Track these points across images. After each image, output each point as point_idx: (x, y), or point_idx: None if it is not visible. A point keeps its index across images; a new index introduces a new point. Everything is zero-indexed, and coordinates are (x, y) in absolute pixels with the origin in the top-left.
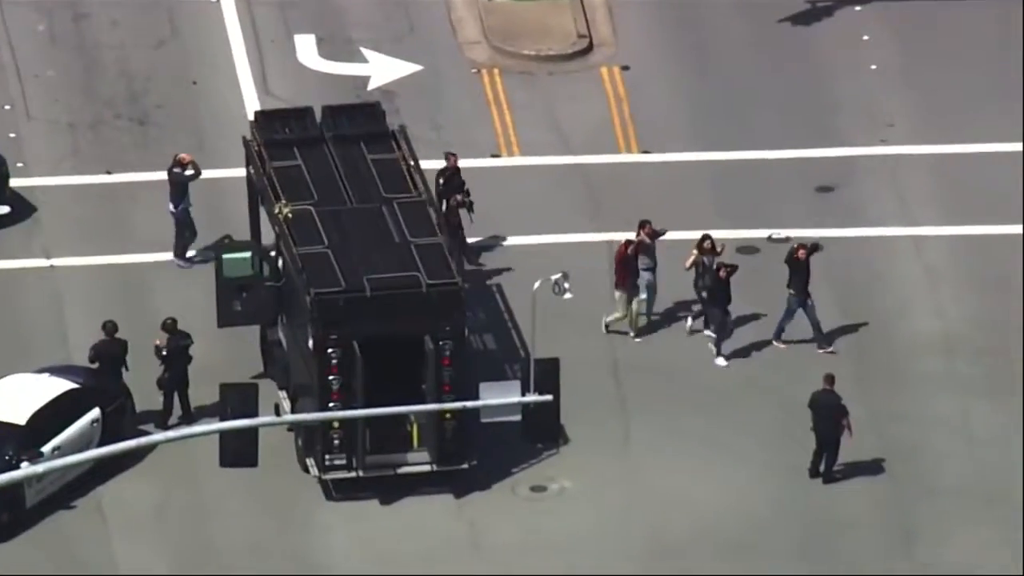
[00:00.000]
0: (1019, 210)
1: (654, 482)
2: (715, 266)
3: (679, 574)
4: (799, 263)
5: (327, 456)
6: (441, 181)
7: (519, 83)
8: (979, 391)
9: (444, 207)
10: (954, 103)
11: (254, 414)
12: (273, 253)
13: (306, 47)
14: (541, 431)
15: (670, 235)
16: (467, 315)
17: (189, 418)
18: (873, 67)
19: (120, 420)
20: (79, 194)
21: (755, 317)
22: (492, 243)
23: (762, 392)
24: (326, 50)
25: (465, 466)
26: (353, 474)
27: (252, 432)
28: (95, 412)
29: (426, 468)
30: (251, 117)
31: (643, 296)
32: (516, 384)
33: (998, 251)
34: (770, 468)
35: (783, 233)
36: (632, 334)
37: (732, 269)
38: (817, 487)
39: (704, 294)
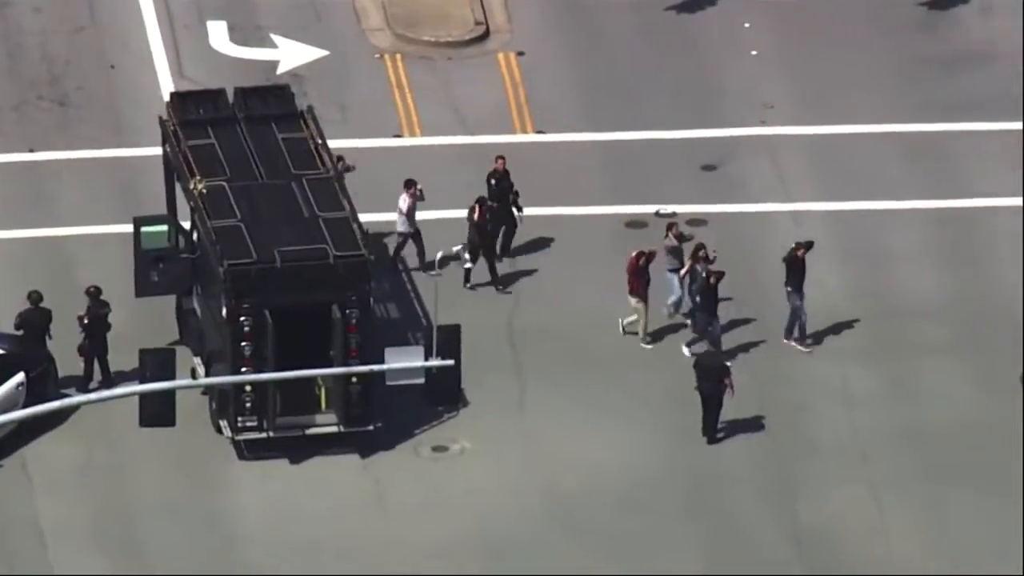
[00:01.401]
0: (890, 186)
1: (549, 442)
2: (704, 273)
3: (574, 529)
4: (797, 261)
5: (239, 418)
6: (493, 182)
7: (420, 68)
8: (855, 357)
9: (475, 211)
10: (830, 87)
11: (171, 377)
12: (188, 227)
13: (218, 33)
14: (443, 394)
15: (567, 210)
16: (372, 285)
17: (109, 382)
18: (754, 53)
19: (44, 384)
20: (4, 171)
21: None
22: (397, 217)
23: (654, 358)
24: (237, 36)
25: (370, 428)
26: (264, 435)
27: (170, 394)
28: (20, 376)
29: (333, 429)
30: (167, 98)
31: (672, 298)
32: (419, 349)
33: (872, 225)
34: (660, 429)
35: (670, 209)
36: (644, 340)
37: (720, 276)
38: (702, 446)
39: (697, 299)
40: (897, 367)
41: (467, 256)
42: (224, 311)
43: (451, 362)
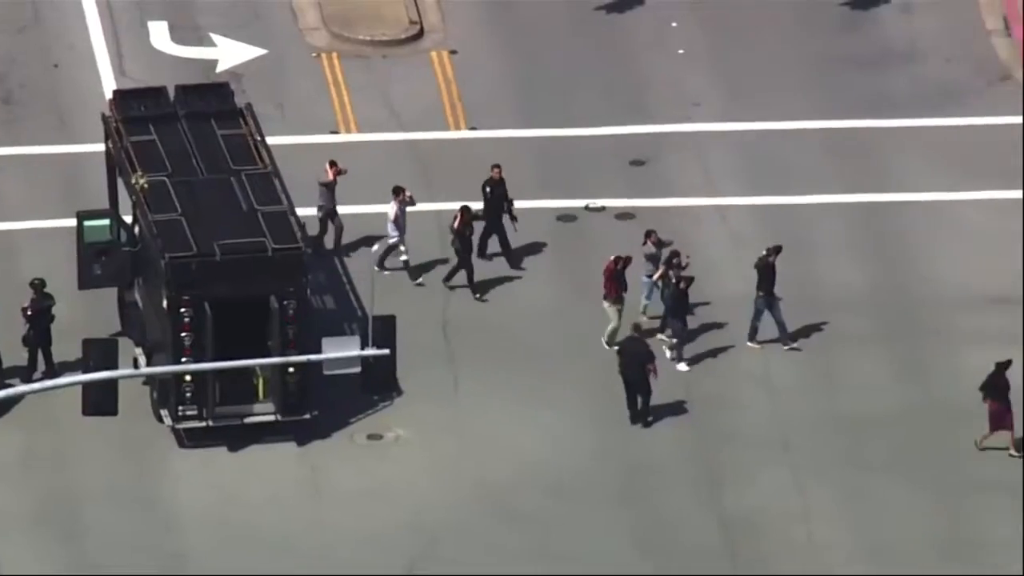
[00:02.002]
0: (813, 181)
1: (482, 430)
2: (675, 279)
3: (506, 513)
4: (768, 267)
5: (180, 407)
6: (488, 190)
7: (356, 66)
8: (779, 346)
9: (459, 217)
10: (755, 84)
11: (114, 367)
12: (130, 221)
13: (159, 33)
14: (379, 383)
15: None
16: (309, 277)
17: (52, 372)
18: (681, 51)
19: None
20: None
21: (577, 279)
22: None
23: (584, 349)
24: (177, 35)
25: (307, 416)
26: (203, 424)
27: (112, 384)
28: None
29: (271, 418)
30: (109, 96)
31: (645, 301)
32: (356, 339)
33: (795, 219)
34: (590, 417)
35: (599, 203)
36: (608, 344)
37: (689, 281)
38: (631, 433)
39: (669, 304)
40: (820, 357)
41: (403, 248)
42: (165, 303)
43: (387, 352)
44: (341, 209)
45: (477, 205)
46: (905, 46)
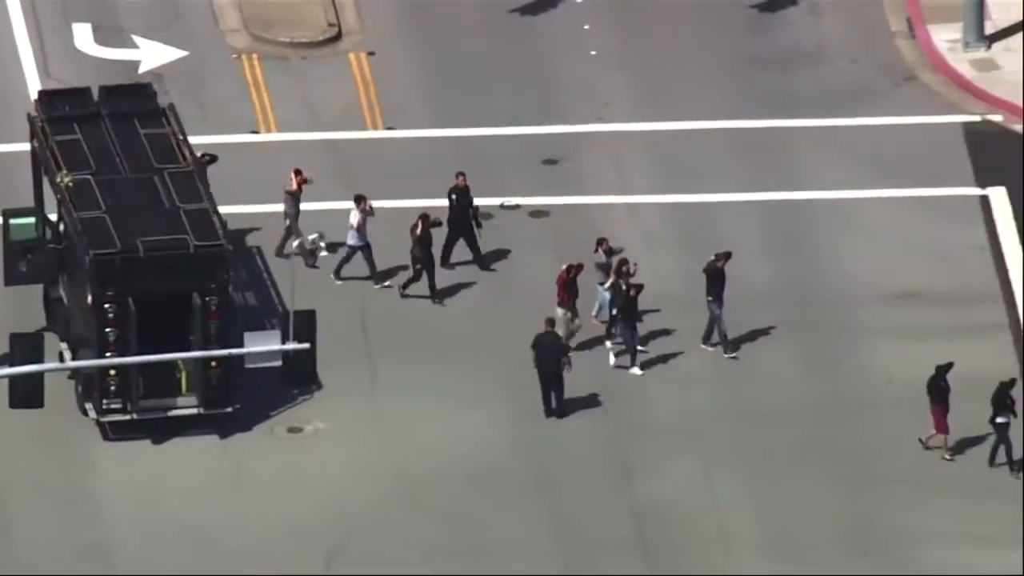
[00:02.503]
0: (722, 179)
1: (400, 424)
2: (625, 287)
3: (423, 506)
4: (716, 272)
5: (104, 400)
6: (454, 197)
7: (275, 67)
8: (691, 340)
9: (420, 225)
10: (665, 85)
11: (40, 361)
12: (55, 218)
13: (83, 34)
14: (299, 377)
15: (417, 203)
16: (230, 273)
17: None
18: (593, 53)
19: None
20: None
21: (493, 276)
22: (254, 210)
23: (500, 345)
24: (101, 37)
25: (229, 409)
26: (127, 417)
27: (38, 378)
28: None
29: (194, 411)
30: (34, 96)
31: (597, 307)
32: (277, 334)
33: (705, 216)
34: (505, 411)
35: (514, 200)
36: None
37: (639, 289)
38: (546, 427)
39: (616, 311)
40: (738, 355)
41: (322, 245)
42: (89, 298)
43: (307, 345)
44: (263, 208)
45: (400, 203)
46: (812, 48)
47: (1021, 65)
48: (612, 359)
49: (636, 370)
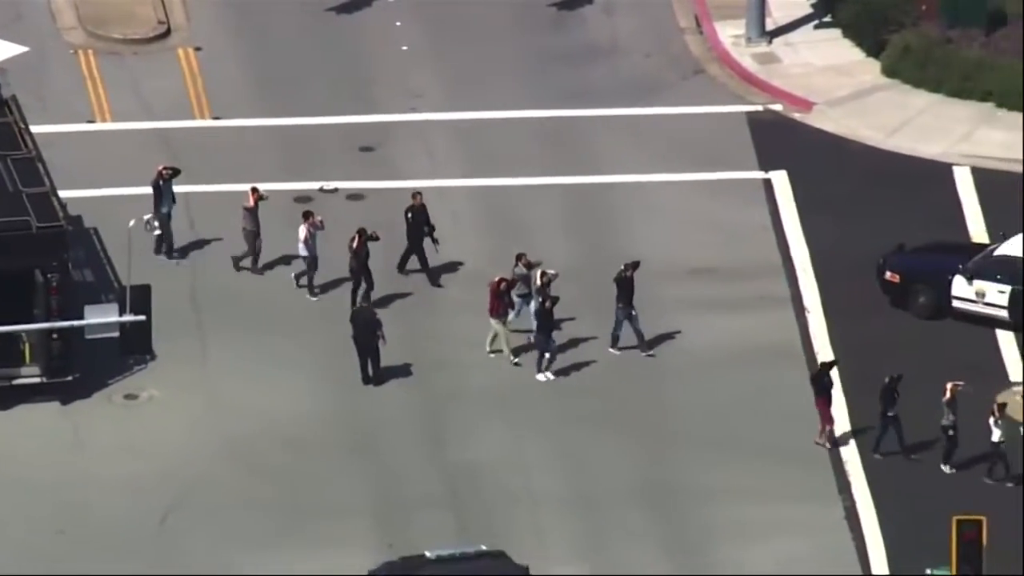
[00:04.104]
0: (526, 164)
1: (228, 390)
2: (542, 299)
3: (251, 467)
4: (626, 280)
5: None
6: (410, 216)
7: (110, 62)
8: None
9: (357, 239)
10: (473, 78)
11: None
12: None
13: None
14: (136, 346)
15: (243, 187)
16: (70, 252)
17: None
18: (404, 48)
19: None
20: None
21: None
22: (91, 194)
23: (321, 317)
24: None
25: (70, 378)
26: None
27: None
28: None
29: (37, 380)
30: None
31: (512, 316)
32: (114, 306)
33: (510, 199)
34: (327, 379)
35: (332, 185)
36: (511, 356)
37: (555, 301)
38: (364, 394)
39: (537, 319)
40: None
41: (156, 224)
42: None
43: (142, 318)
44: (98, 192)
45: (227, 187)
46: (607, 43)
47: (799, 59)
48: (511, 358)
49: (548, 375)
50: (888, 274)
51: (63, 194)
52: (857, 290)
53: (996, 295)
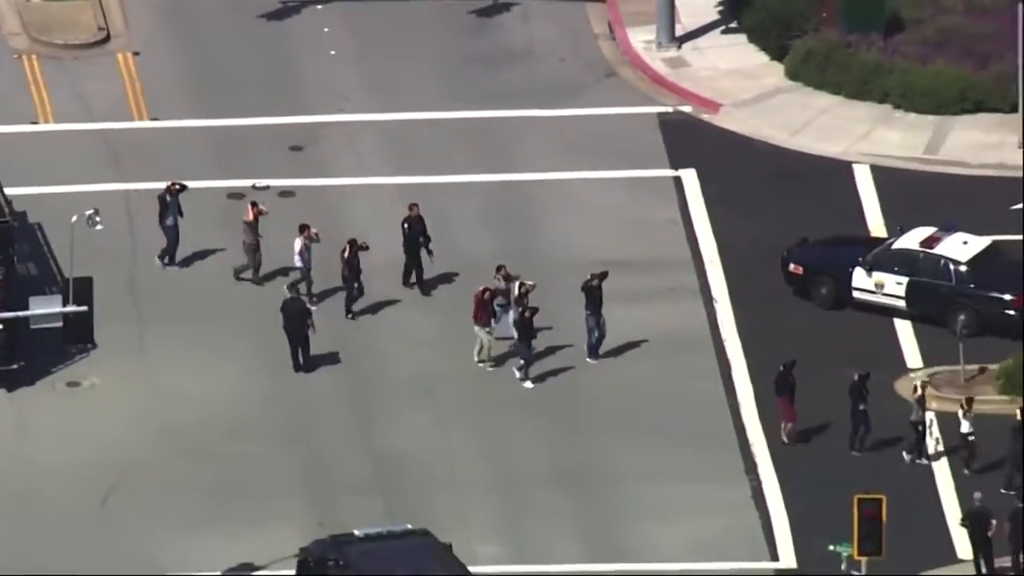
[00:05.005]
0: (448, 163)
1: (167, 378)
2: (521, 309)
3: (189, 451)
4: (593, 290)
5: None
6: (406, 227)
7: (52, 66)
8: (420, 306)
9: (348, 248)
10: (397, 80)
11: None
12: None
13: None
14: (78, 336)
15: (163, 185)
16: (15, 247)
17: None
18: (332, 53)
19: None
20: None
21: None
22: (35, 191)
23: (253, 309)
24: None
25: (15, 366)
26: None
27: None
28: None
29: None
30: None
31: (494, 325)
32: (58, 298)
33: (435, 196)
34: (260, 367)
35: (264, 183)
36: (490, 363)
37: (534, 311)
38: (295, 381)
39: (517, 329)
40: (458, 314)
41: (98, 219)
42: None
43: (85, 308)
44: (42, 189)
45: (164, 184)
46: (525, 47)
47: (707, 63)
48: (517, 373)
49: (528, 384)
50: (792, 266)
51: (8, 191)
52: (762, 281)
53: (894, 286)
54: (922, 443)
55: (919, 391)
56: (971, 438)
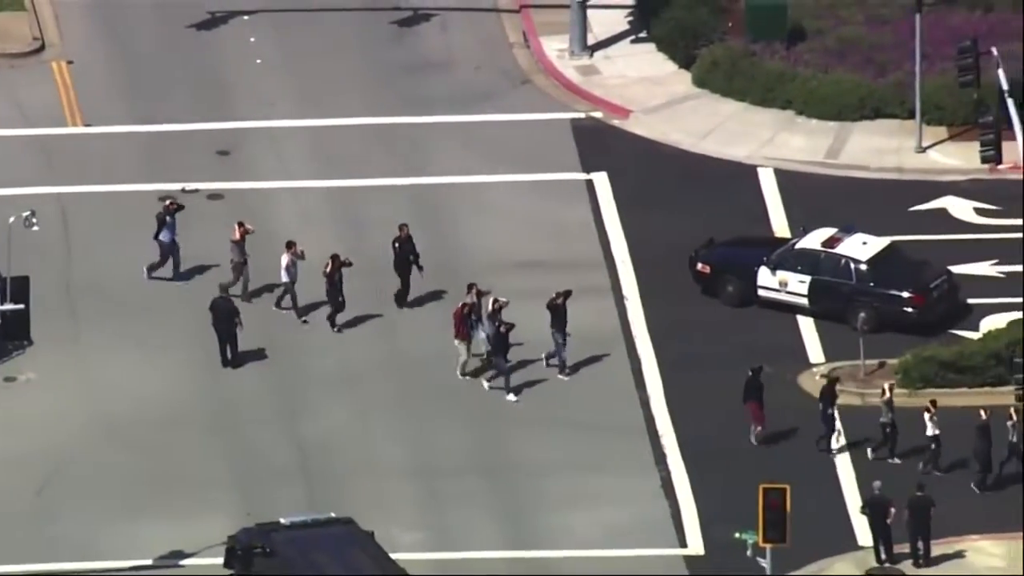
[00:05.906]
0: (371, 167)
1: (100, 373)
2: (497, 324)
3: (122, 443)
4: (558, 307)
5: None
6: (397, 246)
7: None
8: (348, 303)
9: (330, 264)
10: (321, 88)
11: None
12: None
13: None
14: (15, 332)
15: (111, 188)
16: None
17: None
18: (259, 61)
19: None
20: None
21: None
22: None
23: (183, 306)
24: None
25: None
26: None
27: None
28: None
29: None
30: None
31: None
32: None
33: (357, 199)
34: (190, 362)
35: (193, 185)
36: (466, 374)
37: (510, 327)
38: (223, 375)
39: (493, 343)
40: (380, 310)
41: (35, 220)
42: None
43: (21, 306)
44: None
45: (98, 188)
46: (443, 56)
47: (618, 70)
48: (486, 384)
49: (511, 396)
50: (699, 265)
51: None
52: (671, 280)
53: (797, 284)
54: (892, 443)
55: (887, 393)
56: (933, 445)
